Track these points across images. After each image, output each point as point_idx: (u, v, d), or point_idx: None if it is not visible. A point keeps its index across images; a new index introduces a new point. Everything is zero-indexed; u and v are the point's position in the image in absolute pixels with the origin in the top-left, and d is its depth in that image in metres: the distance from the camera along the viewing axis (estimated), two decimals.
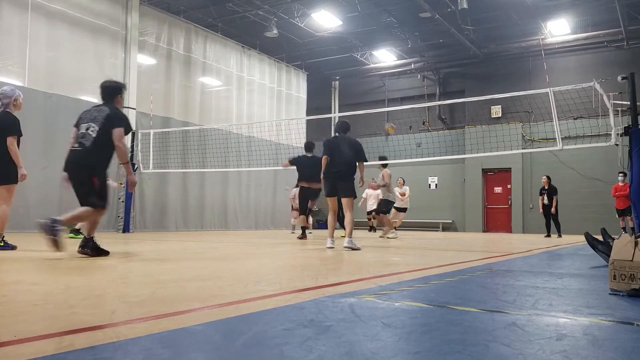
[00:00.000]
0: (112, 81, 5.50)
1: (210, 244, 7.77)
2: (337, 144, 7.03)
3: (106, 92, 5.26)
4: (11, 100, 5.69)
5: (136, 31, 13.03)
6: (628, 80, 6.65)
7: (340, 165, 6.89)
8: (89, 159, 4.95)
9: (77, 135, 5.05)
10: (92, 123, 4.98)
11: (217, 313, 2.12)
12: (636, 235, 2.89)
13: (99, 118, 5.00)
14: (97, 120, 4.99)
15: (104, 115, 5.00)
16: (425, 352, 1.55)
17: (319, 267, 4.27)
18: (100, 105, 5.19)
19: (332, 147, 7.01)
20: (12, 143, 5.55)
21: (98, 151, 4.97)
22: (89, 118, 5.05)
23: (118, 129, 4.97)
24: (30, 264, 4.23)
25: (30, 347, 1.53)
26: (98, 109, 5.12)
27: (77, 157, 4.96)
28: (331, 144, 7.07)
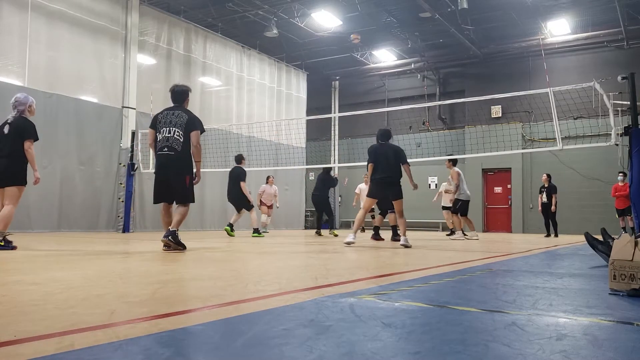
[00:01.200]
0: (181, 85, 6.19)
1: (210, 244, 7.77)
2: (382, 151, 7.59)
3: (178, 95, 6.01)
4: (26, 107, 6.00)
5: (136, 31, 13.03)
6: (628, 80, 6.65)
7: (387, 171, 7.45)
8: (183, 162, 5.72)
9: (161, 139, 5.71)
10: (176, 128, 5.68)
11: (217, 313, 2.12)
12: (636, 235, 2.89)
13: (180, 123, 5.71)
14: (179, 125, 5.70)
15: (184, 120, 5.73)
16: (425, 352, 1.55)
17: (319, 267, 4.27)
18: (175, 109, 5.86)
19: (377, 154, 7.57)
20: (29, 147, 5.86)
21: (186, 154, 5.73)
22: (169, 122, 5.73)
23: (196, 132, 5.76)
24: (30, 264, 4.23)
25: (30, 347, 1.53)
26: (176, 113, 5.78)
27: (172, 161, 5.67)
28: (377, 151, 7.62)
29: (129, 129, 12.71)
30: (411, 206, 19.38)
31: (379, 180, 7.46)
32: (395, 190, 7.44)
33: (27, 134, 5.83)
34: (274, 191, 13.68)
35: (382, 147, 7.64)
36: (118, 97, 12.69)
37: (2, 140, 5.80)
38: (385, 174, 7.42)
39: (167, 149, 5.66)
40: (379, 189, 7.54)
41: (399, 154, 7.58)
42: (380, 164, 7.47)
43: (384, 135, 7.76)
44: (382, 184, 7.45)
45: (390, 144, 7.72)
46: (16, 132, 5.80)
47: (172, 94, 6.03)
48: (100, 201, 12.11)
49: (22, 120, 5.90)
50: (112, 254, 5.39)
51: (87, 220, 11.79)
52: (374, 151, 7.62)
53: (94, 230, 11.79)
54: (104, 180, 12.24)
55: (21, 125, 5.84)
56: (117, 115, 12.60)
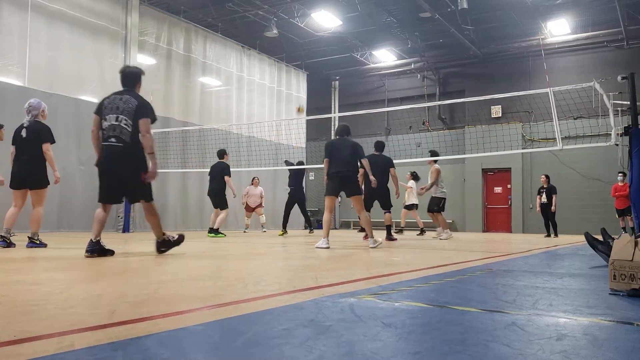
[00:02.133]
0: (133, 67, 5.51)
1: (210, 244, 7.77)
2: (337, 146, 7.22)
3: (128, 78, 5.23)
4: (39, 112, 6.33)
5: (136, 31, 13.03)
6: (628, 80, 6.65)
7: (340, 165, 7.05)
8: (133, 154, 4.93)
9: (107, 127, 4.93)
10: (123, 116, 4.89)
11: (217, 313, 2.12)
12: (636, 235, 2.89)
13: (128, 110, 4.92)
14: (127, 112, 4.91)
15: (133, 107, 4.93)
16: (425, 352, 1.55)
17: (319, 267, 4.27)
18: (123, 94, 5.07)
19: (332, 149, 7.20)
20: (48, 149, 6.18)
21: (137, 145, 4.94)
22: (115, 109, 4.93)
23: (145, 120, 4.94)
24: (31, 264, 4.23)
25: (30, 347, 1.53)
26: (124, 99, 4.99)
27: (120, 154, 4.89)
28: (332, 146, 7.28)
29: None
30: None
31: (333, 175, 7.07)
32: (352, 186, 7.10)
33: (45, 137, 6.15)
34: (259, 192, 13.68)
35: (337, 141, 7.30)
36: None
37: (23, 144, 6.14)
38: (338, 169, 7.02)
39: (114, 139, 4.90)
40: (334, 184, 7.10)
41: (356, 148, 7.21)
42: (334, 158, 7.08)
43: (342, 130, 7.41)
44: (337, 178, 7.05)
45: (347, 139, 7.30)
46: (34, 136, 6.13)
47: (122, 76, 5.26)
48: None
49: (38, 124, 6.22)
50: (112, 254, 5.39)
51: (87, 220, 11.75)
52: (328, 146, 7.28)
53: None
54: None
55: (38, 129, 6.17)
56: None
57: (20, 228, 9.80)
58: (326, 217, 7.14)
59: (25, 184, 6.19)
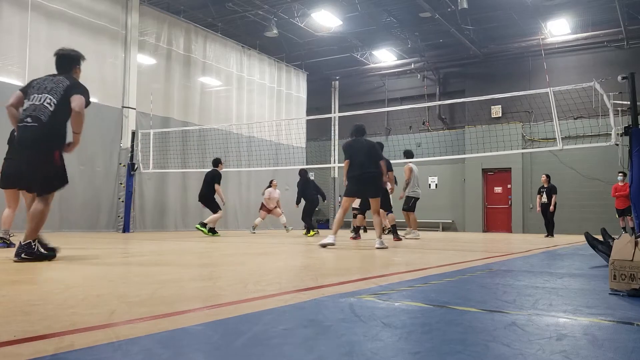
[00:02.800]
0: (70, 49, 4.83)
1: (210, 244, 7.77)
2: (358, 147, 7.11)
3: (64, 61, 4.67)
4: None
5: (136, 31, 13.03)
6: (628, 80, 6.65)
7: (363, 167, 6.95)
8: (48, 134, 4.34)
9: (27, 107, 4.38)
10: (49, 95, 4.36)
11: (217, 313, 2.12)
12: (636, 235, 2.89)
13: (56, 90, 4.40)
14: (54, 91, 4.39)
15: (63, 86, 4.43)
16: (425, 352, 1.55)
17: (319, 267, 4.27)
18: (56, 76, 4.55)
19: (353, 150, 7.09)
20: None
21: (55, 126, 4.38)
22: (43, 88, 4.41)
23: (78, 96, 4.40)
24: (31, 264, 4.22)
25: (30, 347, 1.53)
26: (55, 79, 4.48)
27: (33, 134, 4.29)
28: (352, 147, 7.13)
29: (129, 129, 12.71)
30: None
31: (357, 176, 6.94)
32: (374, 188, 7.01)
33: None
34: (277, 194, 13.53)
35: (357, 142, 7.17)
36: (118, 97, 12.68)
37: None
38: (362, 170, 6.92)
39: (30, 119, 4.31)
40: (355, 186, 6.98)
41: (377, 149, 7.22)
42: (356, 160, 6.96)
43: (359, 130, 7.32)
44: (360, 180, 6.94)
45: (363, 140, 7.25)
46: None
47: (56, 59, 4.66)
48: (100, 201, 12.10)
49: None
50: (112, 254, 5.39)
51: (87, 220, 11.79)
52: (348, 147, 7.13)
53: (94, 230, 11.79)
54: (104, 180, 12.24)
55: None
56: (117, 115, 12.59)
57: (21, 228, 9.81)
58: (340, 217, 7.04)
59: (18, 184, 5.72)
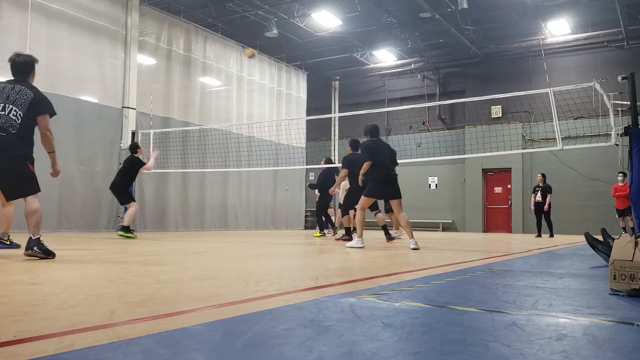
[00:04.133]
0: (25, 55, 4.88)
1: (210, 244, 7.77)
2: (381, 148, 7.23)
3: (23, 67, 4.76)
4: None
5: (136, 31, 13.03)
6: (628, 80, 6.65)
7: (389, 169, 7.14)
8: (20, 146, 4.52)
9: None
10: (13, 106, 4.50)
11: (217, 313, 2.12)
12: (636, 235, 2.89)
13: (20, 101, 4.54)
14: (18, 103, 4.52)
15: (27, 99, 4.56)
16: (425, 352, 1.55)
17: (319, 267, 4.27)
18: (15, 83, 4.65)
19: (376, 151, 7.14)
20: None
21: (25, 137, 4.57)
22: (6, 98, 4.53)
23: (44, 116, 4.63)
24: (30, 264, 4.23)
25: (30, 347, 1.53)
26: (17, 89, 4.59)
27: (5, 144, 4.44)
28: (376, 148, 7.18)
29: (129, 129, 12.71)
30: (410, 206, 19.45)
31: (380, 178, 7.02)
32: (395, 189, 7.12)
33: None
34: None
35: (378, 143, 7.24)
36: (118, 97, 12.68)
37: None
38: (388, 171, 7.07)
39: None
40: (382, 188, 7.06)
41: (394, 154, 7.44)
42: (380, 161, 7.03)
43: (374, 130, 7.31)
44: (386, 182, 7.04)
45: (384, 141, 7.44)
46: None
47: (12, 66, 4.74)
48: (100, 201, 12.10)
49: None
50: (112, 254, 5.39)
51: (87, 220, 11.79)
52: (373, 148, 7.12)
53: (93, 230, 11.79)
54: (104, 180, 12.22)
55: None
56: (117, 115, 12.59)
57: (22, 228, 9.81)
58: (360, 218, 7.14)
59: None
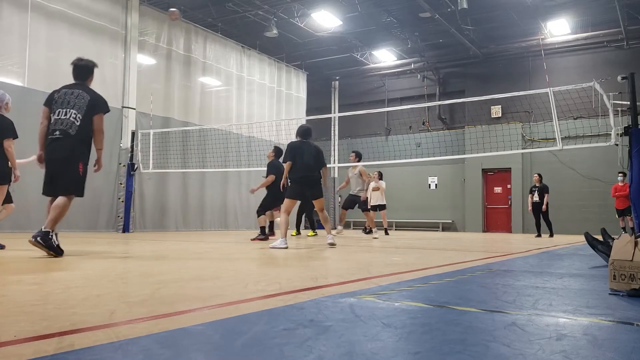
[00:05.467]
0: (86, 60, 5.38)
1: (210, 244, 7.77)
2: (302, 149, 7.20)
3: (83, 71, 5.27)
4: (2, 104, 5.80)
5: (136, 31, 13.03)
6: (628, 80, 6.65)
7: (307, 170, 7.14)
8: (76, 147, 5.00)
9: (54, 121, 5.02)
10: (73, 110, 4.99)
11: (217, 313, 2.12)
12: (636, 235, 2.89)
13: (79, 105, 5.01)
14: (77, 106, 5.00)
15: (85, 102, 5.03)
16: (425, 352, 1.55)
17: (319, 267, 4.27)
18: (75, 88, 5.14)
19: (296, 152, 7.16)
20: (9, 145, 5.66)
21: (83, 139, 5.03)
22: (67, 103, 5.02)
23: (99, 116, 5.11)
24: (30, 264, 4.23)
25: (30, 347, 1.53)
26: (75, 93, 5.07)
27: (63, 146, 4.95)
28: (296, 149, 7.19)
29: (129, 129, 12.71)
30: (410, 206, 19.46)
31: (299, 179, 7.11)
32: (317, 190, 7.24)
33: (5, 133, 5.64)
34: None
35: (302, 145, 7.25)
36: (118, 97, 12.68)
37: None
38: (305, 173, 7.10)
39: (58, 132, 4.98)
40: (299, 189, 7.18)
41: (320, 154, 7.34)
42: (299, 162, 7.10)
43: (305, 132, 7.39)
44: (305, 183, 7.14)
45: (311, 143, 7.38)
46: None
47: (74, 69, 5.27)
48: (100, 201, 12.10)
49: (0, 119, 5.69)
50: (112, 254, 5.40)
51: (87, 220, 11.78)
52: (293, 149, 7.18)
53: (93, 230, 11.79)
54: (104, 180, 12.22)
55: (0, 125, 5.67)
56: (117, 115, 12.59)
57: (21, 228, 9.82)
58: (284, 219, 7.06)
59: None
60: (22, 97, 10.50)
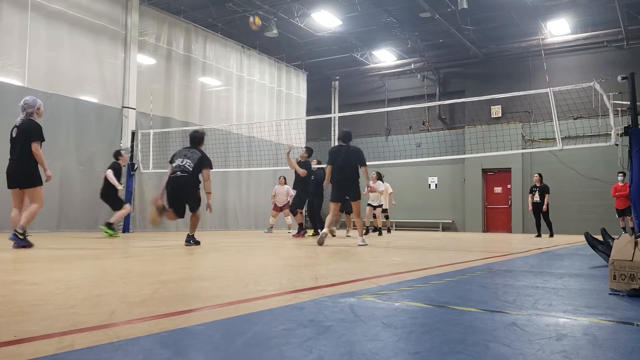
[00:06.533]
0: (199, 132, 7.36)
1: (210, 244, 7.77)
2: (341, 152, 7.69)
3: (195, 139, 7.20)
4: (34, 110, 6.23)
5: (136, 31, 13.03)
6: (628, 80, 6.66)
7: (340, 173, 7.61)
8: (194, 181, 6.88)
9: (175, 165, 6.90)
10: (189, 160, 6.92)
11: (217, 313, 2.12)
12: (636, 235, 2.89)
13: (193, 157, 6.94)
14: (192, 158, 6.93)
15: (197, 157, 6.95)
16: (425, 352, 1.55)
17: (319, 267, 4.27)
18: (190, 148, 7.11)
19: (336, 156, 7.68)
20: (36, 148, 6.06)
21: (196, 177, 6.92)
22: (183, 156, 6.99)
23: (207, 169, 6.96)
24: (31, 264, 4.23)
25: (30, 347, 1.53)
26: (190, 150, 7.05)
27: (184, 181, 6.83)
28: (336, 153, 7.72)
29: (129, 129, 12.71)
30: (410, 206, 19.45)
31: (335, 182, 7.61)
32: (353, 191, 7.61)
33: (33, 136, 6.03)
34: (285, 191, 13.51)
35: (339, 148, 7.73)
36: (118, 97, 12.68)
37: (12, 143, 6.11)
38: (338, 176, 7.57)
39: (180, 172, 6.85)
40: (337, 191, 7.65)
41: (359, 156, 7.69)
42: (335, 166, 7.60)
43: (344, 136, 7.84)
44: (338, 186, 7.60)
45: (349, 146, 7.77)
46: (23, 135, 6.03)
47: (190, 138, 7.26)
48: (100, 201, 12.06)
49: (29, 122, 6.10)
50: (112, 254, 5.40)
51: (86, 220, 11.78)
52: (330, 154, 7.75)
53: (93, 230, 11.78)
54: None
55: (28, 128, 6.06)
56: (117, 115, 12.59)
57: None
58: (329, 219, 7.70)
59: (17, 184, 6.08)
60: (22, 97, 10.45)
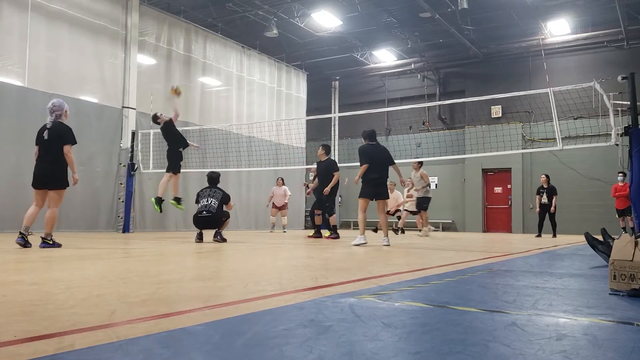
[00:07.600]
0: (215, 172, 8.54)
1: (210, 244, 7.77)
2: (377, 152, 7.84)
3: (214, 180, 8.38)
4: (63, 112, 6.30)
5: (136, 31, 13.02)
6: (628, 80, 6.65)
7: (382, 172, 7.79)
8: (218, 216, 8.07)
9: (201, 205, 8.10)
10: (213, 199, 8.13)
11: (217, 313, 2.12)
12: (636, 235, 2.89)
13: (216, 196, 8.16)
14: (215, 197, 8.16)
15: (219, 196, 8.18)
16: (425, 352, 1.55)
17: (319, 267, 4.27)
18: (211, 188, 8.30)
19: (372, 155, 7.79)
20: (69, 151, 6.18)
21: (220, 212, 8.10)
22: (207, 195, 8.20)
23: (228, 205, 8.25)
24: (31, 264, 4.23)
25: (30, 347, 1.53)
26: (212, 190, 8.26)
27: (211, 220, 8.05)
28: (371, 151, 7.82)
29: (129, 129, 12.71)
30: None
31: (376, 180, 7.67)
32: (385, 190, 7.87)
33: (66, 139, 6.17)
34: (283, 192, 13.66)
35: (375, 147, 7.87)
36: (118, 97, 12.68)
37: (44, 145, 6.15)
38: (380, 174, 7.71)
39: (205, 212, 8.06)
40: (374, 189, 7.71)
41: (389, 155, 8.02)
42: (375, 164, 7.68)
43: (372, 135, 7.93)
44: (378, 184, 7.71)
45: (380, 145, 8.02)
46: (56, 137, 6.13)
47: (209, 179, 8.43)
48: (100, 201, 12.10)
49: (60, 125, 6.21)
50: (112, 254, 5.40)
51: (87, 220, 11.78)
52: (368, 152, 7.77)
53: (93, 230, 11.79)
54: (104, 180, 12.24)
55: (59, 130, 6.17)
56: (117, 115, 12.59)
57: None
58: (361, 217, 7.79)
59: (45, 185, 6.18)
60: (22, 97, 10.51)
